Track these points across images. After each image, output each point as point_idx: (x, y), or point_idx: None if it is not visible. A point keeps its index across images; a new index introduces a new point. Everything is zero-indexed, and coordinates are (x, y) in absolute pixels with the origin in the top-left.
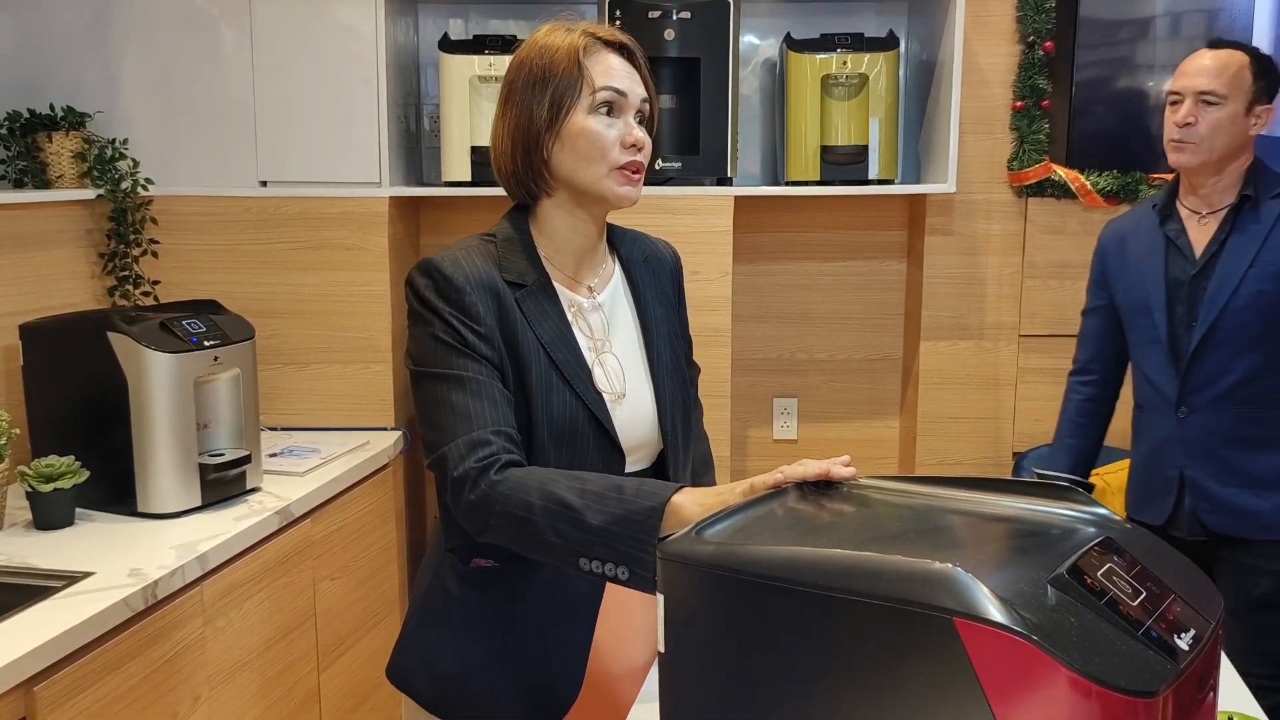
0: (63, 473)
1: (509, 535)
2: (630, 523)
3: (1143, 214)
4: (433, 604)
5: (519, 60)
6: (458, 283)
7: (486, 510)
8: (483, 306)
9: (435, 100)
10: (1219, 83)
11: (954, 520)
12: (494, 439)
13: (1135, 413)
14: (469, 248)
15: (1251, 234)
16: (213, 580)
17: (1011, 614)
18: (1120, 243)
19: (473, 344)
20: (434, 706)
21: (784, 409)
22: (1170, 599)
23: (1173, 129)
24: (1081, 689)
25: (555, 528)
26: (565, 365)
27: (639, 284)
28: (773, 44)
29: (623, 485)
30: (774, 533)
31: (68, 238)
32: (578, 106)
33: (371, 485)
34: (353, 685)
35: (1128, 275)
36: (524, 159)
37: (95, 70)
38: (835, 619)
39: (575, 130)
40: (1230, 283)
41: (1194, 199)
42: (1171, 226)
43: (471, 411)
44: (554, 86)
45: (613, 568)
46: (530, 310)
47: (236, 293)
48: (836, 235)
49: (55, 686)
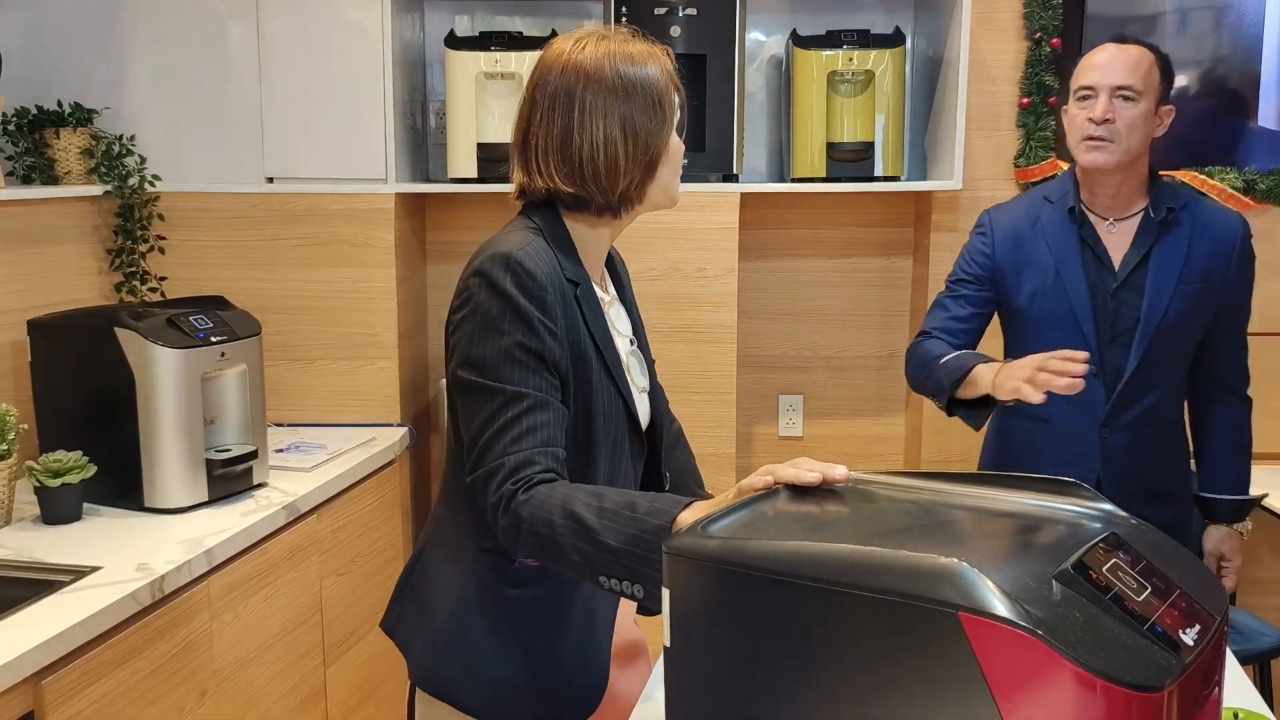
0: (70, 468)
1: (538, 553)
2: (642, 542)
3: (1037, 208)
4: (468, 607)
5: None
6: (541, 280)
7: (516, 531)
8: (559, 311)
9: (441, 97)
10: (1135, 78)
11: (959, 515)
12: (540, 459)
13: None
14: (533, 241)
15: (1173, 249)
16: (219, 575)
17: (1017, 609)
18: (1014, 238)
19: (549, 349)
20: (482, 712)
21: (789, 406)
22: (1175, 594)
23: (1088, 125)
24: (1086, 684)
25: (576, 546)
26: (613, 364)
27: (621, 278)
28: (779, 40)
29: (636, 503)
30: (779, 528)
31: (75, 234)
32: (674, 126)
33: (378, 481)
34: (359, 680)
35: (1036, 278)
36: (640, 169)
37: (103, 67)
38: (840, 614)
39: (676, 148)
40: (1161, 301)
41: (1100, 203)
42: (1087, 231)
43: (524, 430)
44: (670, 107)
45: (629, 585)
46: (586, 309)
47: (243, 289)
48: (842, 232)
49: (63, 680)
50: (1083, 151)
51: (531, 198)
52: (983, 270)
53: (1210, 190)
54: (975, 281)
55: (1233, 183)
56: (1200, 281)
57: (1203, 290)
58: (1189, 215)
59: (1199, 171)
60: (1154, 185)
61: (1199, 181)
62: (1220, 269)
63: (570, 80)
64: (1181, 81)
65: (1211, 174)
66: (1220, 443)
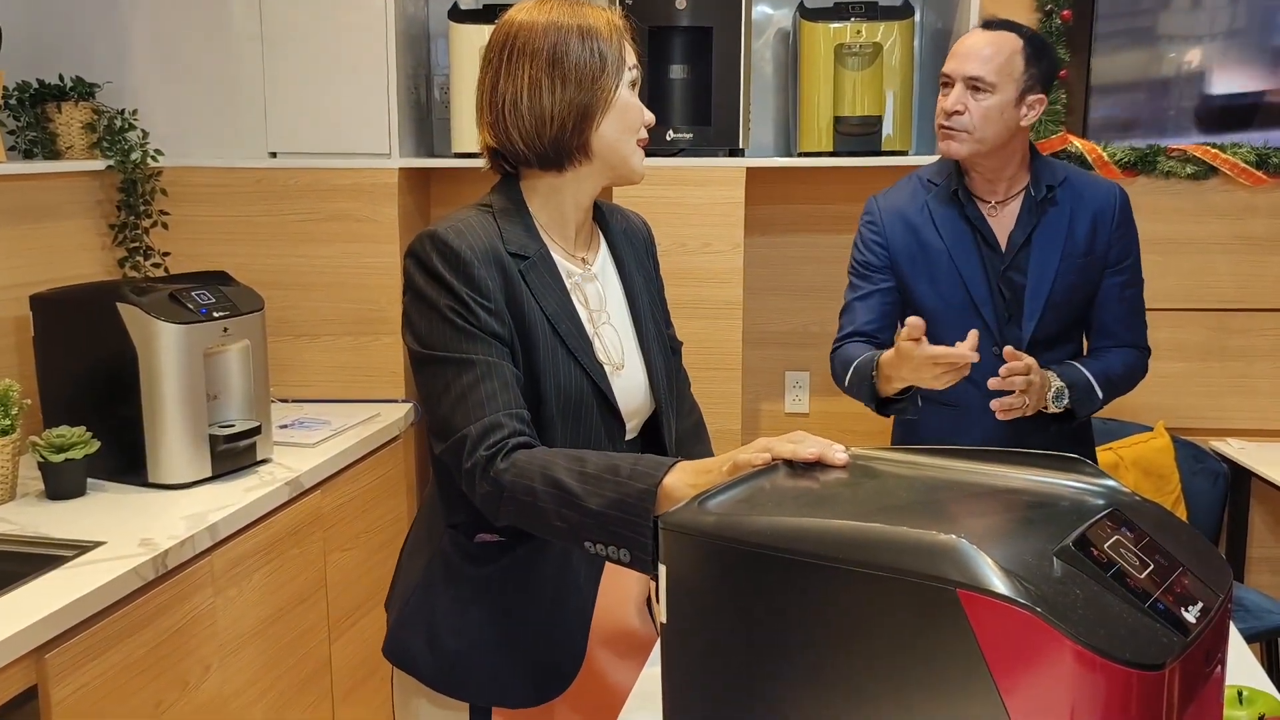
0: (74, 443)
1: (521, 520)
2: (625, 506)
3: (920, 192)
4: (435, 581)
5: (556, 25)
6: (465, 255)
7: (497, 498)
8: (490, 280)
9: (445, 71)
10: (989, 69)
11: (960, 492)
12: (506, 422)
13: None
14: (469, 218)
15: (1055, 225)
16: (223, 550)
17: (1016, 586)
18: (904, 225)
19: (484, 322)
20: (437, 684)
21: (796, 382)
22: (1178, 571)
23: (941, 115)
24: (1086, 662)
25: (559, 512)
26: (569, 338)
27: (622, 255)
28: (786, 13)
29: (619, 467)
30: (777, 503)
31: (78, 209)
32: (622, 82)
33: (382, 457)
34: (364, 656)
35: (934, 267)
36: (574, 126)
37: (105, 41)
38: (838, 590)
39: (622, 104)
40: (1047, 278)
41: (980, 187)
42: (973, 212)
43: (483, 397)
44: (610, 62)
45: (614, 550)
46: (534, 282)
47: (246, 264)
48: (849, 207)
49: (66, 654)
50: (939, 139)
51: (496, 166)
52: (880, 259)
53: (1222, 164)
54: (877, 271)
55: (1245, 156)
56: (1083, 255)
57: (1086, 263)
58: (1068, 190)
59: (1212, 145)
60: (1035, 164)
61: (1211, 155)
62: (1103, 238)
63: (504, 33)
64: (1195, 54)
65: (1224, 148)
66: (1100, 362)
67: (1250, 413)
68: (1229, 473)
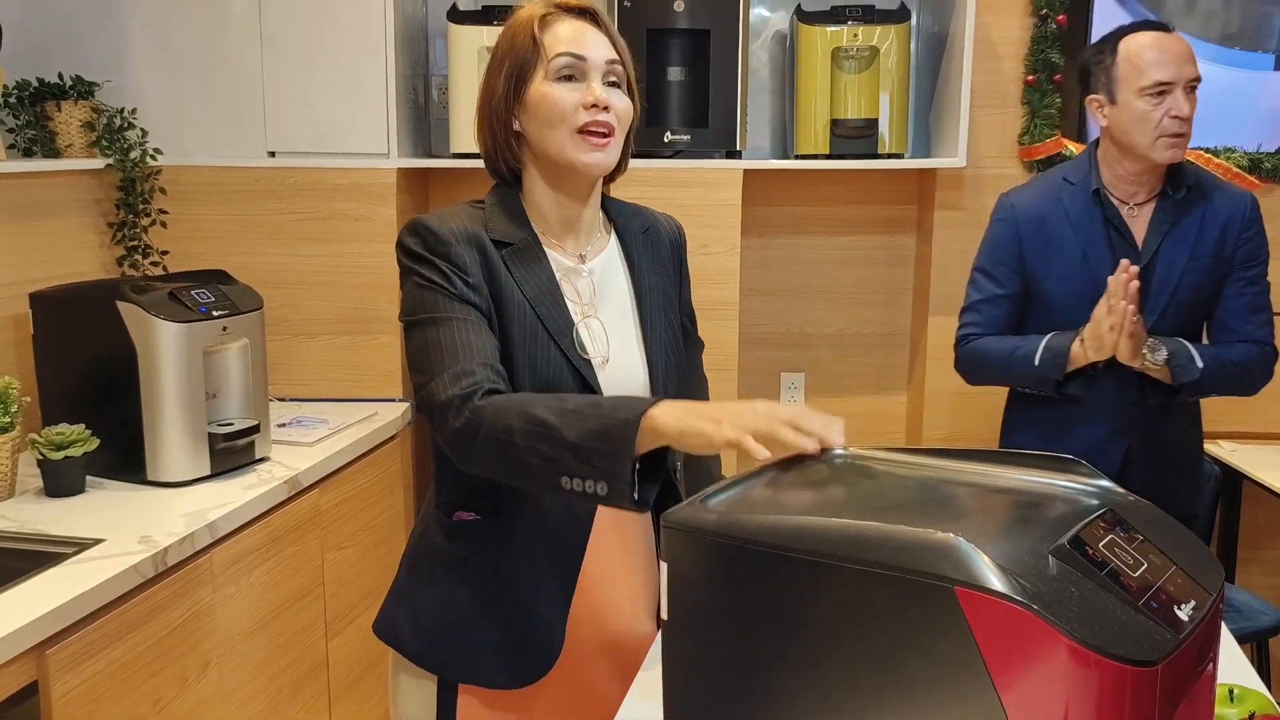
0: (73, 440)
1: (493, 461)
2: (607, 437)
3: (1057, 189)
4: (419, 559)
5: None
6: (444, 236)
7: (470, 437)
8: (469, 258)
9: (444, 71)
10: (1197, 68)
11: (958, 491)
12: (478, 369)
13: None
14: (456, 210)
15: (1186, 226)
16: (222, 548)
17: (1012, 583)
18: (1039, 220)
19: (460, 290)
20: (420, 660)
21: (791, 384)
22: (1171, 570)
23: (1172, 123)
24: (1081, 658)
25: (535, 448)
26: (549, 321)
27: (634, 255)
28: (783, 16)
29: (600, 401)
30: (777, 503)
31: (77, 207)
32: (535, 76)
33: (379, 456)
34: (361, 653)
35: (1063, 260)
36: (493, 135)
37: (104, 39)
38: (837, 588)
39: (536, 98)
40: (1172, 276)
41: (1125, 187)
42: (1110, 212)
43: (458, 347)
44: (512, 59)
45: (592, 484)
46: (516, 268)
47: (245, 263)
48: (845, 209)
49: (66, 651)
50: (1162, 149)
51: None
52: (1011, 256)
53: (1215, 169)
54: (1007, 269)
55: (1238, 161)
56: (1211, 256)
57: (1213, 263)
58: (1199, 193)
59: (1205, 150)
60: (1170, 166)
61: (1204, 160)
62: (1231, 241)
63: None
64: None
65: (1216, 153)
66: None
67: (1242, 415)
68: (1221, 474)
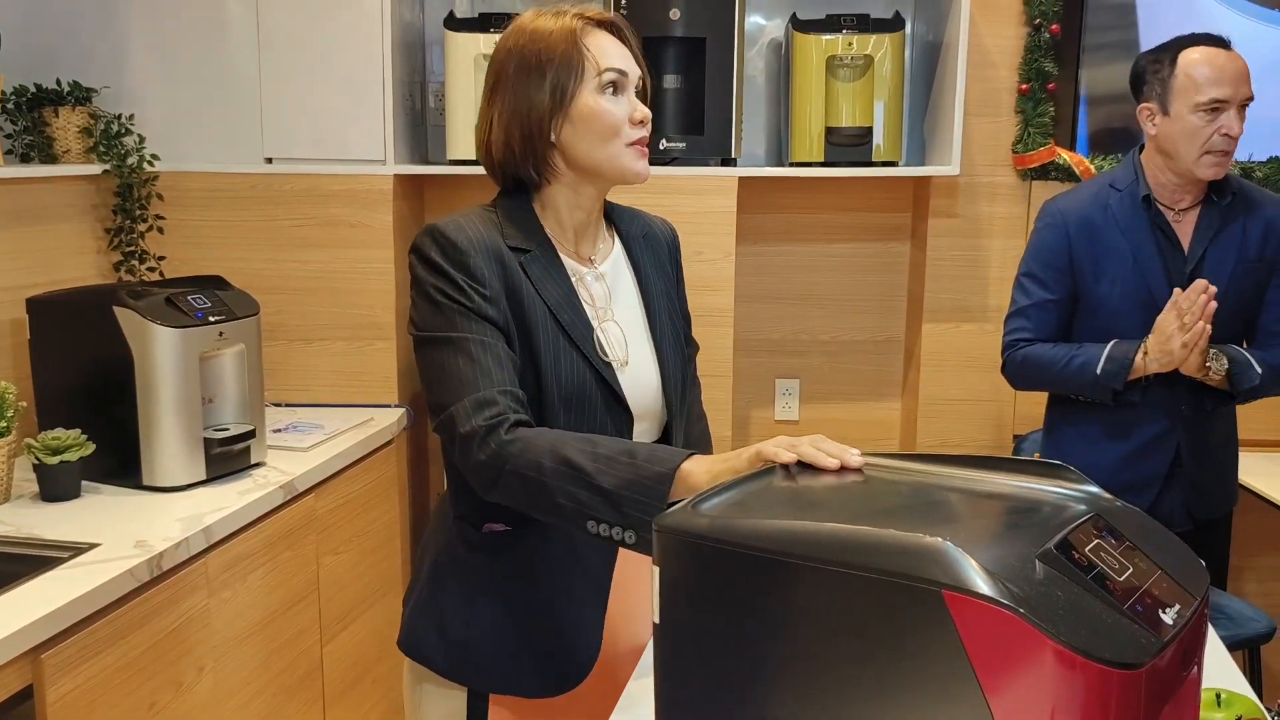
0: (69, 445)
1: (516, 495)
2: (640, 488)
3: (1104, 195)
4: (444, 571)
5: (508, 48)
6: (462, 245)
7: (496, 469)
8: (487, 269)
9: (440, 78)
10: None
11: (948, 497)
12: (500, 398)
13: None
14: (471, 214)
15: (1232, 232)
16: (217, 553)
17: (999, 587)
18: (1087, 226)
19: (477, 305)
20: (450, 673)
21: (786, 390)
22: (1157, 575)
23: (1221, 141)
24: (1066, 661)
25: (565, 489)
26: (571, 328)
27: (638, 258)
28: (778, 24)
29: (634, 450)
30: (770, 506)
31: (74, 212)
32: (584, 88)
33: (375, 461)
34: (355, 658)
35: (1113, 265)
36: (525, 145)
37: (102, 45)
38: (827, 592)
39: (586, 111)
40: (1219, 281)
41: (1171, 193)
42: (1158, 217)
43: (477, 373)
44: (554, 71)
45: (620, 531)
46: (535, 274)
47: (242, 269)
48: (840, 216)
49: (61, 655)
50: (1206, 165)
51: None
52: (1061, 262)
53: None
54: (1057, 273)
55: None
56: (1255, 260)
57: (1257, 267)
58: (1242, 199)
59: None
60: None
61: None
62: (1273, 245)
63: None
64: None
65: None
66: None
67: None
68: None
